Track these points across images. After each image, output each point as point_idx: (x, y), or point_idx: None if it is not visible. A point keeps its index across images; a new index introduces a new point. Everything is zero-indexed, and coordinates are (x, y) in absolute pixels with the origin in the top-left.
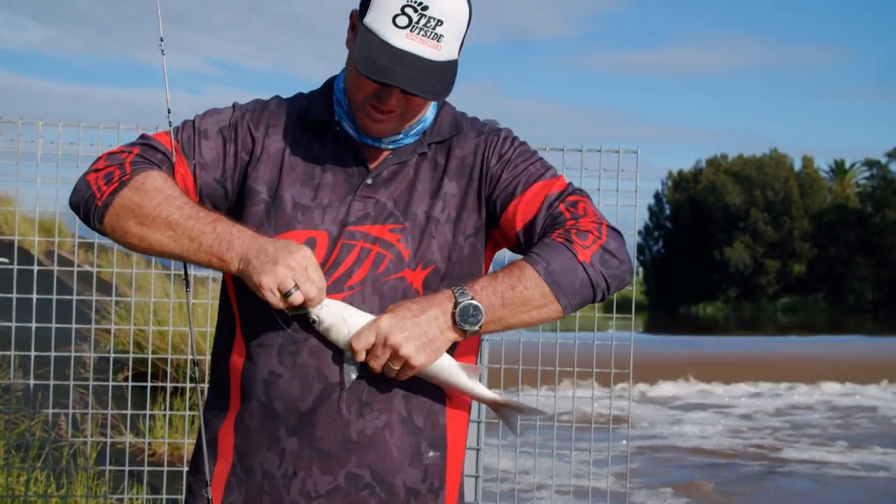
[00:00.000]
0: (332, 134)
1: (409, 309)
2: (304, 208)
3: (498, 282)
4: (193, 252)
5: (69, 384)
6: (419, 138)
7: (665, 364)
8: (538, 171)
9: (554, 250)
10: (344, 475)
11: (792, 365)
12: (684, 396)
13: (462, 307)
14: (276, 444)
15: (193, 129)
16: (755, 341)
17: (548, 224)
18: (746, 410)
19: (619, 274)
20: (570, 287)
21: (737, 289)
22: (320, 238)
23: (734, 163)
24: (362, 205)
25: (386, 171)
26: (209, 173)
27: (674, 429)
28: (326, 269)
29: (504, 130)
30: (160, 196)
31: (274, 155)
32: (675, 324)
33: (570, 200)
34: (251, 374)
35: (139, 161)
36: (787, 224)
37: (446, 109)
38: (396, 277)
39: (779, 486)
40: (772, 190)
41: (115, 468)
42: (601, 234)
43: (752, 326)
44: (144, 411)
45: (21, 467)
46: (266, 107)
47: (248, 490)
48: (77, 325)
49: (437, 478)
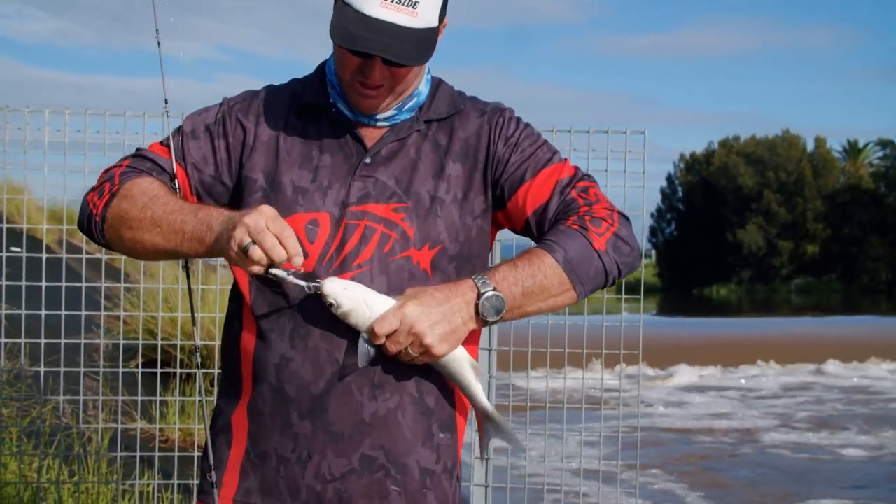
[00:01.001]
0: (328, 116)
1: (433, 297)
2: (304, 191)
3: (518, 270)
4: (181, 243)
5: (79, 371)
6: (415, 114)
7: (675, 346)
8: (545, 156)
9: (571, 238)
10: (358, 457)
11: (800, 345)
12: (693, 378)
13: (485, 298)
14: (290, 428)
15: (180, 132)
16: (765, 322)
17: (560, 210)
18: (752, 391)
19: (631, 261)
20: (586, 275)
21: (750, 270)
22: (323, 220)
23: (746, 144)
24: (362, 184)
25: (384, 149)
26: (203, 172)
27: (677, 410)
28: (333, 250)
29: (507, 111)
30: (144, 198)
31: (268, 142)
32: (689, 306)
33: (580, 186)
34: (263, 359)
35: (128, 171)
36: (800, 205)
37: (443, 88)
38: (402, 257)
39: (779, 466)
40: (784, 171)
41: (126, 454)
42: (614, 221)
43: (766, 308)
44: (155, 397)
45: (33, 454)
46: (256, 96)
47: (264, 475)
48: (87, 311)
49: (449, 458)
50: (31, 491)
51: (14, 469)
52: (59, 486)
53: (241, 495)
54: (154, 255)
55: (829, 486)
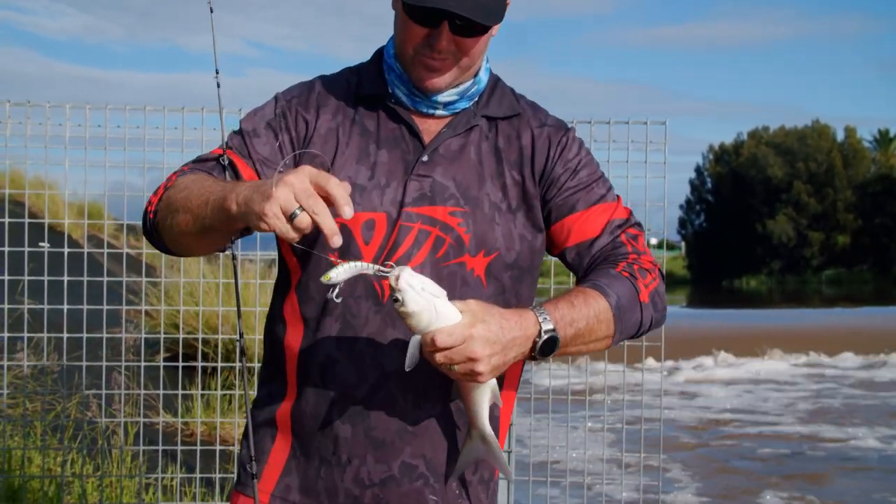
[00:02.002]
0: (385, 108)
1: (501, 326)
2: (362, 189)
3: (575, 310)
4: (206, 215)
5: (102, 365)
6: (473, 105)
7: (703, 337)
8: (600, 191)
9: (622, 285)
10: (399, 465)
11: (833, 336)
12: (714, 370)
13: (545, 341)
14: (331, 430)
15: (241, 133)
16: (794, 314)
17: (607, 250)
18: (775, 383)
19: (661, 318)
20: (627, 324)
21: (780, 261)
22: (379, 220)
23: (776, 135)
24: (419, 184)
25: (442, 146)
26: (272, 168)
27: (693, 402)
28: (386, 252)
29: (571, 130)
30: (188, 184)
31: (326, 135)
32: (718, 297)
33: (631, 233)
34: (308, 359)
35: (186, 172)
36: (830, 195)
37: (502, 85)
38: (456, 262)
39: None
40: (814, 161)
41: (149, 448)
42: (656, 277)
43: (797, 299)
44: (177, 391)
45: (58, 448)
46: (312, 88)
47: (306, 474)
48: (109, 306)
49: (487, 469)
50: (56, 485)
51: (39, 463)
52: (82, 480)
53: (280, 490)
54: (191, 239)
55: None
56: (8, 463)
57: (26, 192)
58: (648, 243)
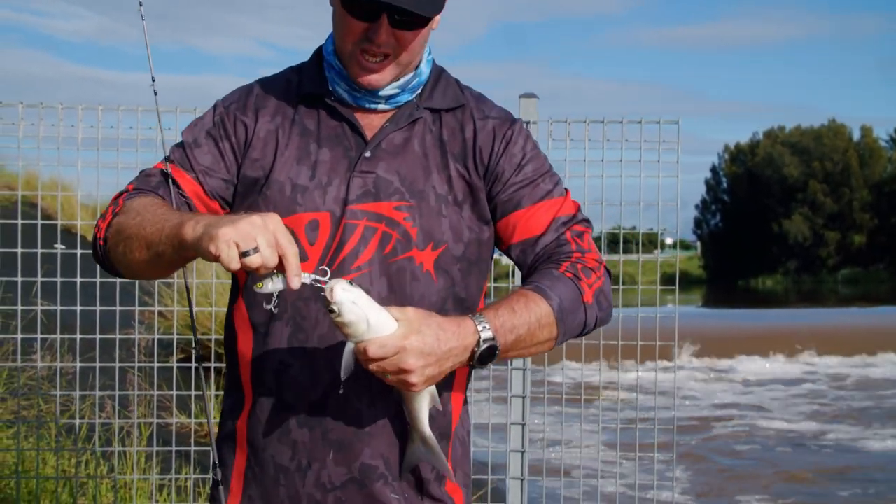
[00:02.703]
0: (325, 106)
1: (437, 338)
2: (304, 189)
3: (516, 316)
4: (160, 240)
5: (115, 366)
6: (415, 98)
7: (720, 337)
8: (546, 186)
9: (565, 286)
10: (358, 466)
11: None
12: (727, 369)
13: (483, 351)
14: (288, 435)
15: (183, 145)
16: (804, 314)
17: (551, 248)
18: (785, 383)
19: (605, 317)
20: (570, 326)
21: (796, 261)
22: (323, 220)
23: (791, 134)
24: (362, 181)
25: (384, 141)
26: (214, 177)
27: (704, 401)
28: (332, 252)
29: (517, 123)
30: (138, 209)
31: (265, 137)
32: (734, 297)
33: (576, 230)
34: (261, 365)
35: (132, 193)
36: (846, 195)
37: (446, 77)
38: (404, 257)
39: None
40: (830, 161)
41: (163, 449)
42: (601, 275)
43: (813, 299)
44: (191, 392)
45: (72, 449)
46: (250, 91)
47: (264, 483)
48: (122, 307)
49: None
50: (70, 486)
51: (53, 464)
52: (97, 481)
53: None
54: (143, 266)
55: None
56: (22, 464)
57: (39, 193)
58: (663, 243)
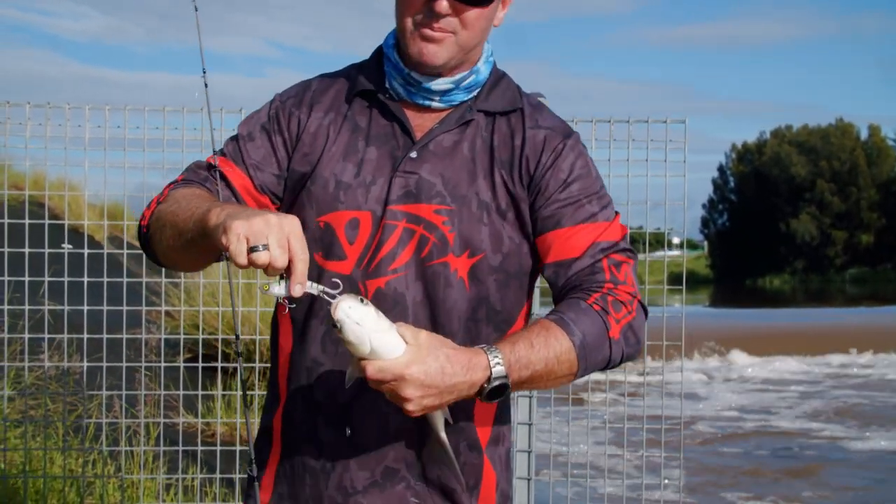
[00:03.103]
0: (379, 103)
1: (442, 371)
2: (347, 186)
3: (534, 352)
4: (188, 228)
5: (122, 366)
6: (470, 99)
7: (725, 336)
8: (592, 209)
9: (591, 320)
10: (381, 470)
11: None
12: (734, 368)
13: (493, 388)
14: (315, 435)
15: (237, 138)
16: (815, 313)
17: (584, 274)
18: (793, 382)
19: (633, 353)
20: (593, 362)
21: (804, 261)
22: (364, 219)
23: (799, 133)
24: (404, 181)
25: (432, 143)
26: (265, 171)
27: (711, 401)
28: (371, 252)
29: (571, 138)
30: (178, 198)
31: (316, 132)
32: (741, 297)
33: (615, 259)
34: (297, 362)
35: (179, 184)
36: (854, 194)
37: (506, 80)
38: (440, 262)
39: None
40: (838, 160)
41: (170, 448)
42: (632, 310)
43: (820, 298)
44: (198, 391)
45: (80, 449)
46: (308, 87)
47: (292, 482)
48: (129, 307)
49: (472, 476)
50: (77, 485)
51: (60, 463)
52: (104, 481)
53: (274, 500)
54: (178, 254)
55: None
56: (30, 463)
57: (46, 193)
58: (670, 243)
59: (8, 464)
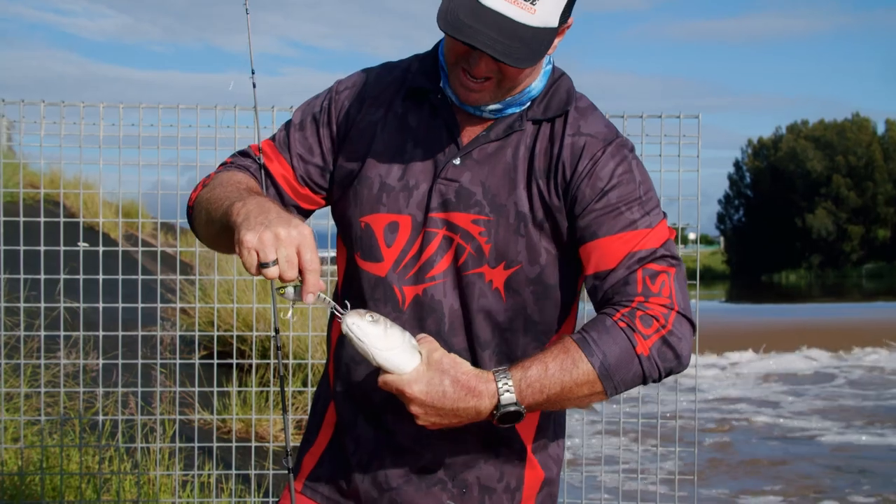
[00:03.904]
0: (431, 102)
1: (444, 394)
2: (390, 189)
3: (548, 375)
4: (217, 217)
5: (138, 363)
6: (522, 111)
7: (735, 333)
8: (631, 216)
9: (613, 339)
10: (417, 469)
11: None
12: (751, 365)
13: (503, 414)
14: (354, 429)
15: (289, 124)
16: (833, 309)
17: (618, 286)
18: (809, 380)
19: (673, 367)
20: (622, 379)
21: (820, 256)
22: (403, 223)
23: (815, 128)
24: (445, 188)
25: (476, 151)
26: (308, 162)
27: (726, 396)
28: (409, 258)
29: (613, 144)
30: (217, 183)
31: (366, 129)
32: (757, 292)
33: (651, 269)
34: (340, 358)
35: (227, 166)
36: (870, 189)
37: (560, 83)
38: (475, 273)
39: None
40: (854, 155)
41: (186, 445)
42: (667, 323)
43: (836, 293)
44: (213, 388)
45: (97, 445)
46: (366, 78)
47: (333, 468)
48: (144, 304)
49: (513, 477)
50: (94, 482)
51: (77, 460)
52: (120, 478)
53: (311, 480)
54: (213, 240)
55: None
56: (47, 461)
57: (61, 191)
58: (686, 238)
59: (25, 461)
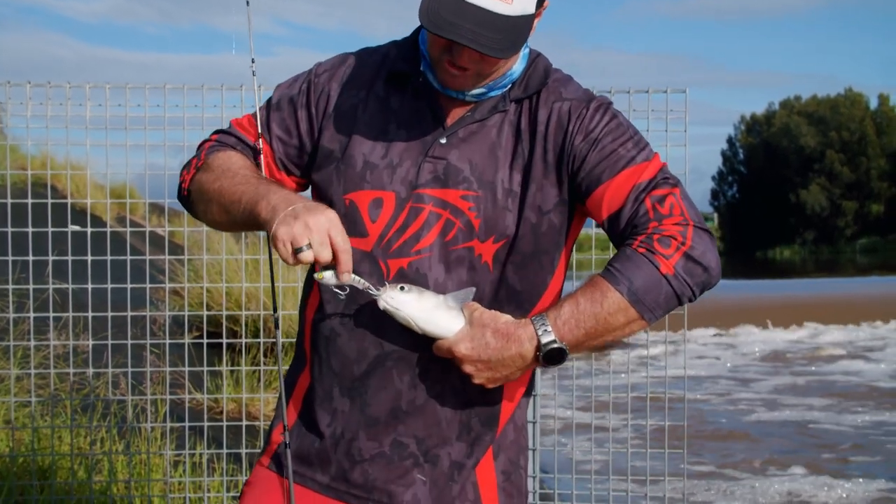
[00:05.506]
0: (413, 86)
1: (486, 343)
2: (374, 167)
3: (580, 310)
4: (238, 212)
5: (127, 343)
6: (505, 92)
7: (737, 308)
8: (628, 154)
9: (635, 265)
10: (390, 442)
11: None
12: (747, 340)
13: (547, 353)
14: (330, 402)
15: (269, 104)
16: (828, 284)
17: (631, 219)
18: (804, 357)
19: (704, 281)
20: (655, 302)
21: (814, 231)
22: (387, 199)
23: (808, 104)
24: (432, 166)
25: (462, 130)
26: (287, 144)
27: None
28: (392, 232)
29: (595, 101)
30: (219, 171)
31: (347, 111)
32: (752, 268)
33: (656, 195)
34: (318, 330)
35: (215, 145)
36: (863, 164)
37: (536, 63)
38: (464, 247)
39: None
40: (847, 130)
41: (177, 425)
42: (685, 240)
43: (831, 269)
44: (202, 368)
45: (88, 426)
46: (345, 61)
47: (303, 442)
48: (133, 284)
49: (481, 452)
50: (86, 463)
51: (68, 441)
52: (111, 458)
53: (278, 455)
54: (226, 226)
55: None
56: (38, 442)
57: (48, 172)
58: None
59: (17, 442)
